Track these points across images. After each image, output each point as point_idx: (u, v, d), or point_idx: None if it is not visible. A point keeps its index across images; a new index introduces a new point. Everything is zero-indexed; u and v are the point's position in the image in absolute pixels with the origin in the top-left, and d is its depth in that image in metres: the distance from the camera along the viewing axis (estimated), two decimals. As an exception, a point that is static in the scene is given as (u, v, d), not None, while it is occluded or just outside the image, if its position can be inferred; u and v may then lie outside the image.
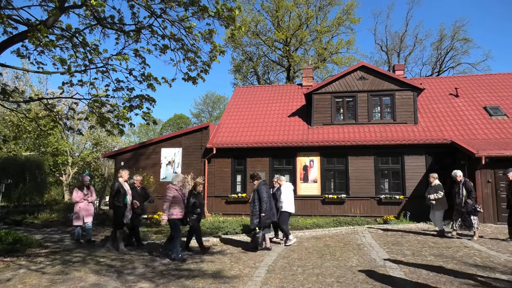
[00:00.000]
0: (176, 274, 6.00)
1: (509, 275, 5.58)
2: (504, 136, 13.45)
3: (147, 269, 6.35)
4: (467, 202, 8.76)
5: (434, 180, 9.72)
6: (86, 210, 8.99)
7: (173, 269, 6.33)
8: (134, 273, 6.11)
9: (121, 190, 7.88)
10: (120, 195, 7.84)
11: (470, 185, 8.92)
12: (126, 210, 7.87)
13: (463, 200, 8.83)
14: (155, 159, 15.93)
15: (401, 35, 36.56)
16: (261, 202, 7.70)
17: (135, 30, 7.66)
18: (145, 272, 6.17)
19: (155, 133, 47.39)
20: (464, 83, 17.67)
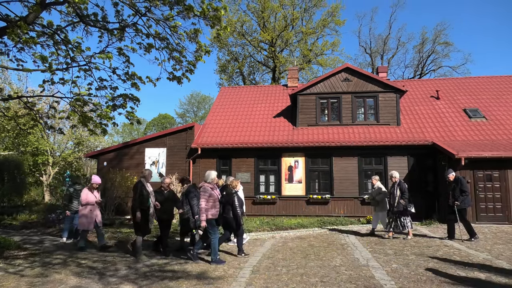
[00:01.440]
0: (159, 275, 5.94)
1: (487, 273, 5.74)
2: (482, 138, 13.84)
3: (130, 271, 6.26)
4: (400, 202, 8.97)
5: (376, 182, 10.01)
6: (97, 213, 8.40)
7: (156, 270, 6.26)
8: (116, 274, 6.01)
9: (144, 192, 7.21)
10: (143, 198, 7.15)
11: (405, 186, 9.16)
12: (150, 214, 7.23)
13: (396, 200, 9.04)
14: (139, 159, 15.73)
15: (384, 38, 37.21)
16: (191, 205, 7.52)
17: (119, 29, 7.55)
18: (128, 273, 6.09)
19: (139, 133, 46.78)
20: (445, 86, 18.09)
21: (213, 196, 6.97)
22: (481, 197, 11.79)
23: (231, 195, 7.48)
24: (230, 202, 7.43)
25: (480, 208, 11.74)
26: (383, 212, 9.74)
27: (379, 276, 5.61)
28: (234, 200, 7.40)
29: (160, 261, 7.00)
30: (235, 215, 7.38)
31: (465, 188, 8.79)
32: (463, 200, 8.74)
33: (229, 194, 7.53)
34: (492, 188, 11.84)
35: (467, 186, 8.96)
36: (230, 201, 7.43)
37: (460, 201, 8.72)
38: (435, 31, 36.94)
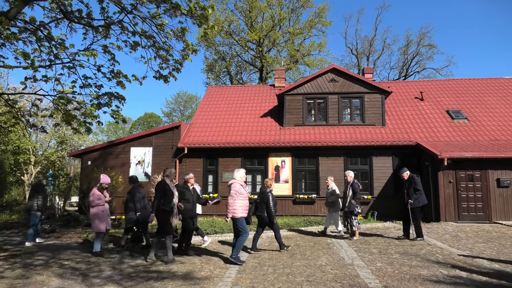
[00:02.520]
0: (144, 276, 5.87)
1: (468, 271, 5.87)
2: (465, 138, 14.16)
3: (114, 272, 6.17)
4: (351, 202, 9.00)
5: (331, 183, 9.98)
6: (108, 214, 8.03)
7: (141, 271, 6.19)
8: (100, 276, 5.92)
9: (168, 192, 7.03)
10: (167, 198, 6.95)
11: (357, 187, 9.15)
12: (173, 214, 7.02)
13: (347, 200, 9.07)
14: (124, 159, 15.52)
15: (370, 39, 37.68)
16: (134, 203, 8.14)
17: (105, 26, 7.42)
18: (112, 274, 6.00)
19: (124, 132, 46.17)
20: (429, 87, 18.44)
21: (243, 194, 6.81)
22: (463, 197, 12.06)
23: (266, 194, 7.75)
24: (265, 201, 7.71)
25: (462, 208, 12.01)
26: (336, 212, 9.70)
27: (364, 275, 5.67)
28: (269, 198, 7.67)
29: (145, 262, 6.92)
30: (269, 212, 7.65)
31: (418, 187, 8.78)
32: (416, 198, 8.75)
33: (263, 193, 7.84)
34: (474, 187, 12.12)
35: (420, 184, 8.92)
36: (265, 199, 7.71)
37: (413, 199, 8.74)
38: (420, 34, 37.71)
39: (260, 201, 7.86)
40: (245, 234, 6.72)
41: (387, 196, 13.90)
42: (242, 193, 6.79)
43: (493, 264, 6.29)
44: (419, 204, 8.82)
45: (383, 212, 13.40)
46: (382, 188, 14.07)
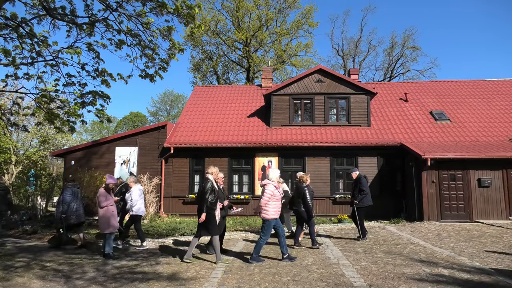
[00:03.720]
0: (129, 277, 5.80)
1: (450, 269, 6.00)
2: (447, 139, 14.46)
3: (98, 273, 6.07)
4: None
5: (282, 184, 9.56)
6: (115, 215, 7.76)
7: (126, 272, 6.11)
8: (83, 277, 5.82)
9: (215, 190, 6.89)
10: (215, 197, 6.83)
11: (310, 189, 8.81)
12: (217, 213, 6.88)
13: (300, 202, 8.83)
14: (109, 158, 15.29)
15: (356, 41, 38.10)
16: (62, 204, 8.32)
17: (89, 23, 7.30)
18: (96, 276, 5.90)
19: (109, 131, 45.50)
20: (413, 89, 18.76)
21: (276, 196, 6.72)
22: (445, 196, 12.31)
23: (302, 189, 7.88)
24: (302, 196, 7.83)
25: (444, 207, 12.26)
26: (287, 214, 9.54)
27: (349, 274, 5.73)
28: (305, 193, 7.81)
29: (130, 263, 6.84)
30: (307, 207, 7.79)
31: (363, 188, 8.77)
32: (361, 199, 8.78)
33: (299, 188, 7.97)
34: (456, 187, 12.39)
35: (366, 185, 8.89)
36: (301, 194, 7.84)
37: (358, 199, 8.78)
38: (404, 36, 38.24)
39: (296, 196, 8.02)
40: (266, 238, 6.71)
41: (372, 196, 13.99)
42: (276, 195, 6.71)
43: (474, 262, 6.44)
44: (363, 205, 8.82)
45: (368, 212, 13.49)
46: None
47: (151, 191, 14.10)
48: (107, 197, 7.55)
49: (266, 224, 6.66)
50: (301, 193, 7.92)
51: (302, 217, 8.08)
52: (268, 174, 6.91)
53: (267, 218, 6.63)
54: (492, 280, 5.34)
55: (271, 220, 6.63)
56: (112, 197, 7.74)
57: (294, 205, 8.12)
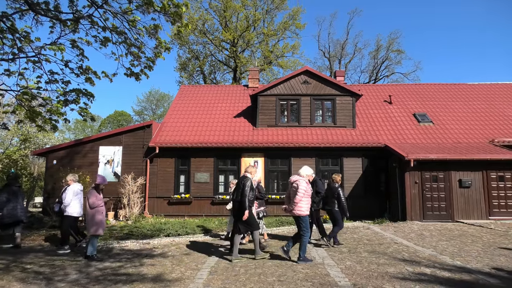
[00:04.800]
0: (112, 279, 5.71)
1: (432, 268, 6.12)
2: (430, 141, 14.76)
3: (81, 275, 5.95)
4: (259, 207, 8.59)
5: (234, 185, 9.46)
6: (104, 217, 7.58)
7: (109, 274, 6.01)
8: (65, 279, 5.69)
9: (253, 188, 7.02)
10: (253, 194, 7.02)
11: (261, 188, 8.89)
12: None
13: None
14: (92, 158, 15.02)
15: (342, 43, 38.53)
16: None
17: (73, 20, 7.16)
18: (78, 278, 5.79)
19: (93, 130, 44.73)
20: (397, 91, 19.08)
21: (308, 192, 6.76)
22: (428, 197, 12.55)
23: (336, 189, 8.20)
24: (336, 196, 8.15)
25: (426, 207, 12.50)
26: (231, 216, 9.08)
27: (334, 274, 5.78)
28: (339, 193, 8.14)
29: (113, 264, 6.73)
30: (342, 207, 8.15)
31: (319, 190, 8.74)
32: (318, 201, 8.69)
33: (332, 188, 8.29)
34: (438, 188, 12.65)
35: (322, 187, 8.87)
36: (336, 194, 8.16)
37: (316, 201, 8.63)
38: (389, 39, 38.92)
39: (330, 196, 8.29)
40: (308, 233, 6.73)
41: (357, 196, 14.25)
42: (308, 191, 6.74)
43: (455, 261, 6.59)
44: (319, 207, 8.75)
45: (353, 212, 13.66)
46: (352, 188, 14.41)
47: (136, 191, 13.92)
48: (98, 197, 7.40)
49: (302, 220, 6.66)
50: (335, 193, 8.24)
51: (334, 217, 8.31)
52: (300, 170, 6.99)
53: (302, 215, 6.64)
54: (472, 278, 5.47)
55: (305, 216, 6.67)
56: (102, 197, 7.59)
57: (328, 205, 8.38)
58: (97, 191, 7.46)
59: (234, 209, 7.09)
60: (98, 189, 7.51)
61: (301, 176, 6.85)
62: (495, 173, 12.58)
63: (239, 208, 6.84)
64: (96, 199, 7.32)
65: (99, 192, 7.50)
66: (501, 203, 12.42)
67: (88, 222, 7.31)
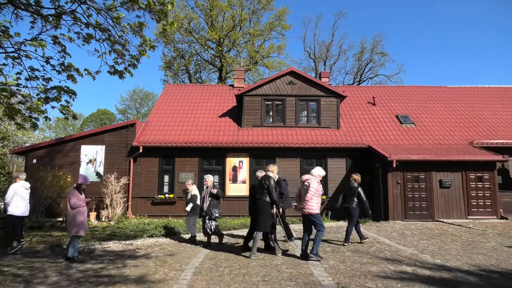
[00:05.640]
0: (94, 281, 5.60)
1: (413, 266, 6.24)
2: (412, 142, 15.05)
3: (61, 277, 5.82)
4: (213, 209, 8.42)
5: (191, 187, 9.51)
6: (86, 218, 7.35)
7: (91, 276, 5.89)
8: (45, 282, 5.56)
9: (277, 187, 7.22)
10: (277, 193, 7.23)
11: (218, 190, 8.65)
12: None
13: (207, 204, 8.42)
14: (74, 157, 14.71)
15: (327, 45, 38.87)
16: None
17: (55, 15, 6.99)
18: (58, 280, 5.65)
19: (75, 129, 43.84)
20: (380, 93, 19.38)
21: (319, 191, 6.95)
22: (409, 197, 12.80)
23: (356, 188, 8.59)
24: (357, 195, 8.54)
25: (408, 207, 12.74)
26: (195, 216, 9.32)
27: (318, 273, 5.83)
28: (360, 192, 8.54)
29: (95, 266, 6.61)
30: (363, 205, 8.50)
31: (283, 191, 8.78)
32: (282, 202, 8.57)
33: (352, 187, 8.65)
34: (419, 188, 12.91)
35: (286, 188, 8.88)
36: (356, 193, 8.55)
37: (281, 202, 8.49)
38: (373, 42, 39.53)
39: (349, 194, 8.67)
40: (323, 229, 6.88)
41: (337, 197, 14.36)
42: (318, 190, 6.92)
43: (435, 260, 6.74)
44: (284, 207, 8.73)
45: (336, 212, 13.82)
46: (336, 188, 14.55)
47: (119, 191, 13.71)
48: (79, 197, 7.24)
49: (315, 217, 6.84)
50: (355, 192, 8.59)
51: (351, 214, 8.57)
52: (313, 170, 7.19)
53: (312, 213, 6.81)
54: (451, 276, 5.60)
55: (317, 214, 6.86)
56: (84, 197, 7.43)
57: (347, 202, 8.69)
58: (78, 191, 7.31)
59: (256, 208, 7.33)
60: (80, 189, 7.35)
61: (313, 175, 7.08)
62: (474, 174, 12.93)
63: (261, 208, 7.14)
64: (77, 200, 7.17)
65: (81, 192, 7.35)
66: (479, 203, 12.77)
67: (69, 223, 7.15)
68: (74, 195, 7.19)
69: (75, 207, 7.12)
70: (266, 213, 7.14)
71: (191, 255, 7.48)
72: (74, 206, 7.11)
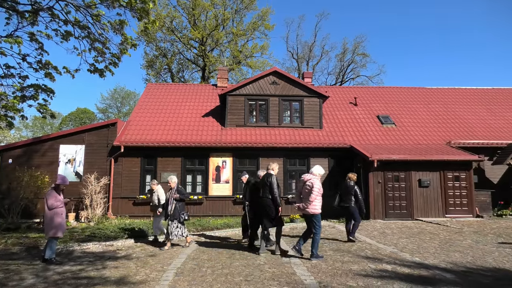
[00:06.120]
0: (72, 283, 5.47)
1: (393, 264, 6.37)
2: (392, 142, 15.35)
3: (38, 280, 5.66)
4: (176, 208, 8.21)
5: (155, 187, 9.20)
6: (64, 219, 7.17)
7: (69, 278, 5.76)
8: (21, 284, 5.40)
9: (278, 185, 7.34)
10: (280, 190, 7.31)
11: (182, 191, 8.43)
12: None
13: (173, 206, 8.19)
14: (52, 157, 14.34)
15: (310, 45, 39.20)
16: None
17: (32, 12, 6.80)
18: (35, 283, 5.50)
19: (53, 128, 42.72)
20: (362, 94, 19.69)
21: (321, 191, 6.98)
22: (390, 196, 13.05)
23: (352, 187, 8.75)
24: (353, 193, 8.69)
25: (388, 206, 12.99)
26: (160, 218, 9.08)
27: (300, 272, 5.87)
28: (357, 192, 8.72)
29: (74, 268, 6.46)
30: (359, 204, 8.68)
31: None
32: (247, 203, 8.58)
33: (349, 187, 8.79)
34: (399, 187, 13.18)
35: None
36: (352, 192, 8.71)
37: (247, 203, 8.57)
38: (355, 43, 40.11)
39: (346, 193, 8.78)
40: (320, 230, 6.93)
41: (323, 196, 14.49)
42: (321, 190, 6.95)
43: (414, 258, 6.89)
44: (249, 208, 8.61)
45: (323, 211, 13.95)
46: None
47: (99, 191, 13.45)
48: (57, 198, 7.06)
49: (316, 218, 6.85)
50: (352, 191, 8.72)
51: (352, 213, 8.70)
52: (313, 169, 7.17)
53: (316, 213, 6.83)
54: (429, 274, 5.74)
55: (318, 214, 6.88)
56: (62, 198, 7.24)
57: (345, 202, 8.79)
58: (57, 191, 7.14)
59: (261, 205, 7.41)
60: (58, 189, 7.19)
61: (314, 175, 7.06)
62: (451, 173, 13.29)
63: (265, 205, 7.25)
64: (54, 200, 7.01)
65: (59, 192, 7.18)
66: (456, 202, 13.13)
67: (46, 224, 6.97)
68: (52, 195, 7.02)
69: (52, 208, 6.96)
70: (271, 209, 7.25)
71: (173, 255, 7.41)
72: (51, 207, 6.95)
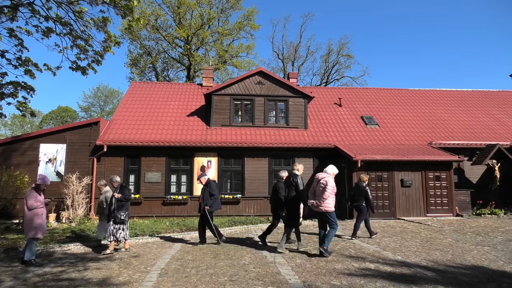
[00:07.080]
0: (53, 285, 5.36)
1: (376, 263, 6.47)
2: (376, 142, 15.58)
3: (16, 282, 5.52)
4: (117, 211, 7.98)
5: (104, 188, 9.09)
6: (44, 219, 7.03)
7: (50, 280, 5.63)
8: (-1, 288, 5.25)
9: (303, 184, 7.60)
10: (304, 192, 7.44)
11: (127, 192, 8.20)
12: None
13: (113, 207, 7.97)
14: (32, 156, 13.98)
15: (295, 46, 39.43)
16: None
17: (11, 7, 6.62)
18: (13, 285, 5.36)
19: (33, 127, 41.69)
20: (346, 94, 19.92)
21: (335, 189, 7.18)
22: (373, 196, 13.22)
23: (364, 188, 9.20)
24: (364, 194, 9.15)
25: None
26: (102, 221, 8.76)
27: (285, 272, 5.90)
28: (368, 192, 9.17)
29: (54, 269, 6.32)
30: (369, 203, 9.16)
31: (213, 192, 8.62)
32: (212, 203, 8.58)
33: (360, 187, 9.26)
34: (382, 187, 13.40)
35: (215, 190, 8.75)
36: (363, 192, 9.16)
37: (209, 204, 8.54)
38: (340, 44, 40.56)
39: (358, 194, 9.30)
40: (336, 226, 7.10)
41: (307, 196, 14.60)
42: (335, 189, 7.17)
43: (396, 256, 7.02)
44: (213, 209, 8.67)
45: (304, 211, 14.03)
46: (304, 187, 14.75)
47: (81, 191, 13.19)
48: (37, 198, 6.89)
49: (331, 215, 7.07)
50: (363, 191, 9.19)
51: (361, 210, 9.26)
52: (327, 168, 7.47)
53: (329, 211, 7.05)
54: (411, 272, 5.86)
55: (333, 211, 7.11)
56: (43, 198, 7.07)
57: (356, 201, 9.34)
58: (37, 191, 6.98)
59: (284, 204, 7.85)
60: (38, 189, 7.02)
61: (328, 173, 7.33)
62: (433, 173, 13.59)
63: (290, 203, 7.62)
64: (34, 201, 6.85)
65: (39, 193, 7.02)
66: (437, 201, 13.43)
67: (26, 225, 6.80)
68: (32, 196, 6.86)
69: (32, 208, 6.80)
70: (294, 208, 7.57)
71: (157, 256, 7.34)
72: (31, 207, 6.79)
